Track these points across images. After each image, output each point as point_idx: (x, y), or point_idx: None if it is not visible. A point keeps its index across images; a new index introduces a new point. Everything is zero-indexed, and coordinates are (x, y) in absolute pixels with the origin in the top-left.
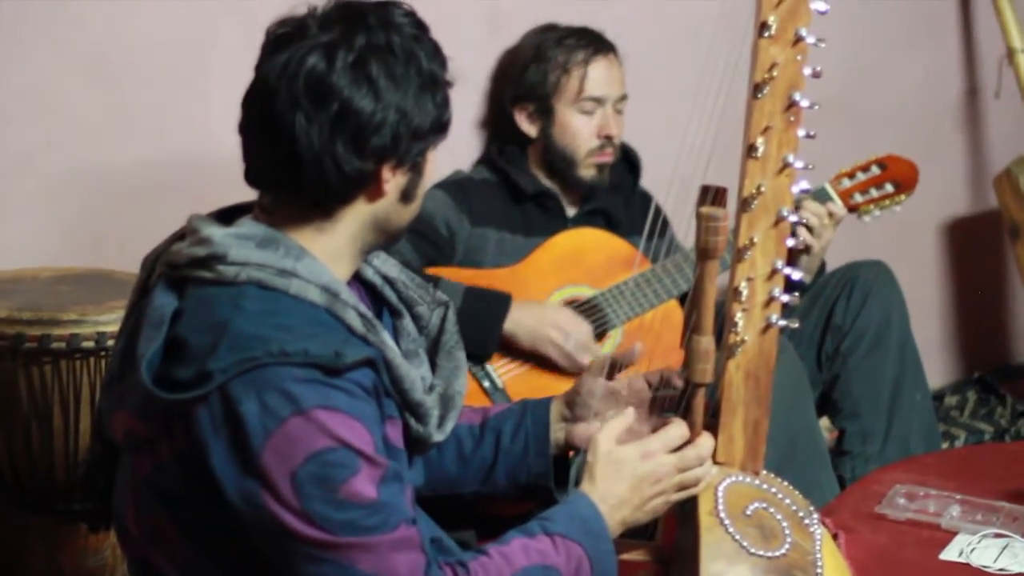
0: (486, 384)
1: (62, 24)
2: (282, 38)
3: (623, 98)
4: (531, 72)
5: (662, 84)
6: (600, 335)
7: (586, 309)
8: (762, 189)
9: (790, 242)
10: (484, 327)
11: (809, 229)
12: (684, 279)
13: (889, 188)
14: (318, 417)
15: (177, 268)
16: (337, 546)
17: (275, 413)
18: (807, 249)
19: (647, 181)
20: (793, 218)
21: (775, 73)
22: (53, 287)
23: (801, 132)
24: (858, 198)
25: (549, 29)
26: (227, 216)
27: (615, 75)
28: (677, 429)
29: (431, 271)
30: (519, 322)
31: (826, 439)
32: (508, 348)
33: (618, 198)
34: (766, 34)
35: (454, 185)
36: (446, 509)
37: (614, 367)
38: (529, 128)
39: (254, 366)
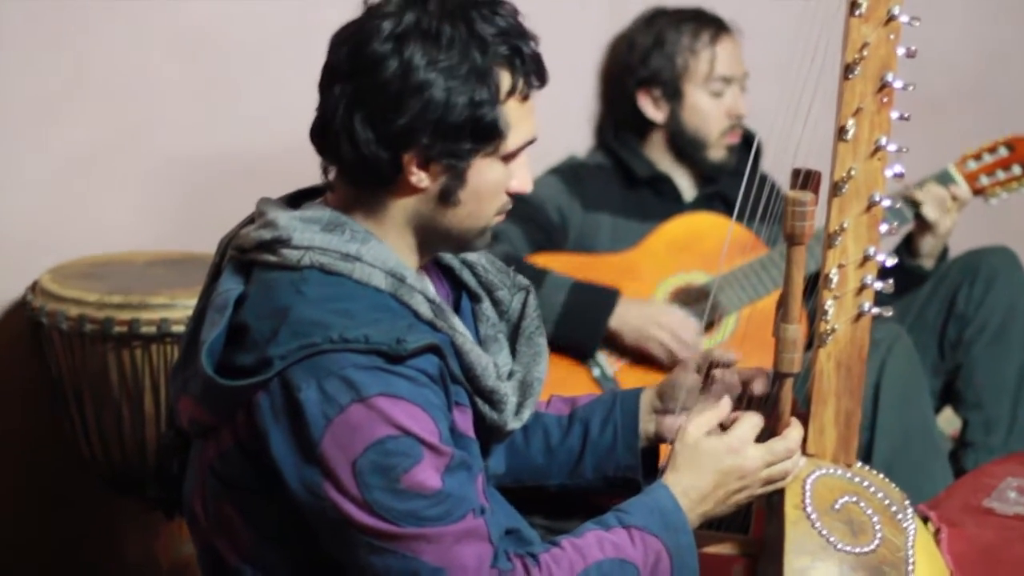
0: (596, 372)
1: (167, 5)
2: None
3: (746, 76)
4: (655, 58)
5: (755, 63)
6: (715, 321)
7: (701, 294)
8: (853, 173)
9: (907, 228)
10: (590, 323)
11: (933, 213)
12: None
13: (1017, 170)
14: (379, 405)
15: (244, 252)
16: (399, 537)
17: (335, 400)
18: (931, 229)
19: None
20: (886, 203)
21: (866, 53)
22: (147, 271)
23: (895, 114)
24: (984, 180)
25: (659, 15)
26: (297, 200)
27: (739, 53)
28: (752, 419)
29: (544, 256)
30: (625, 320)
31: (948, 431)
32: (613, 344)
33: (738, 182)
34: (857, 13)
35: (567, 170)
36: (560, 499)
37: (711, 364)
38: (655, 113)
39: (314, 352)
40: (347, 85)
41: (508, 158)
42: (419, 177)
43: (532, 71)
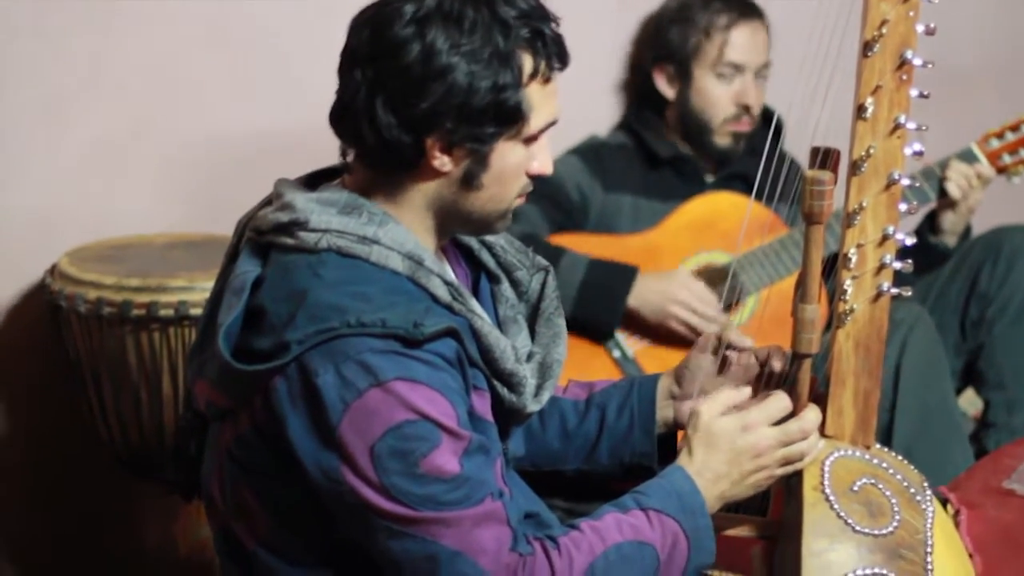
0: (616, 354)
1: None
2: None
3: (765, 66)
4: (673, 32)
5: (775, 42)
6: (736, 301)
7: (721, 275)
8: (872, 151)
9: (929, 206)
10: (608, 301)
11: (955, 192)
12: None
13: None
14: (397, 389)
15: (262, 233)
16: (418, 521)
17: (353, 385)
18: (953, 206)
19: None
20: (905, 181)
21: (885, 31)
22: (166, 253)
23: (914, 92)
24: (1007, 159)
25: None
26: (314, 181)
27: (758, 42)
28: (778, 401)
29: (564, 237)
30: (644, 298)
31: (971, 411)
32: (634, 323)
33: (759, 161)
34: None
35: (588, 150)
36: (578, 483)
37: (724, 346)
38: (667, 90)
39: (331, 337)
40: (368, 69)
41: (529, 140)
42: (442, 161)
43: (554, 53)
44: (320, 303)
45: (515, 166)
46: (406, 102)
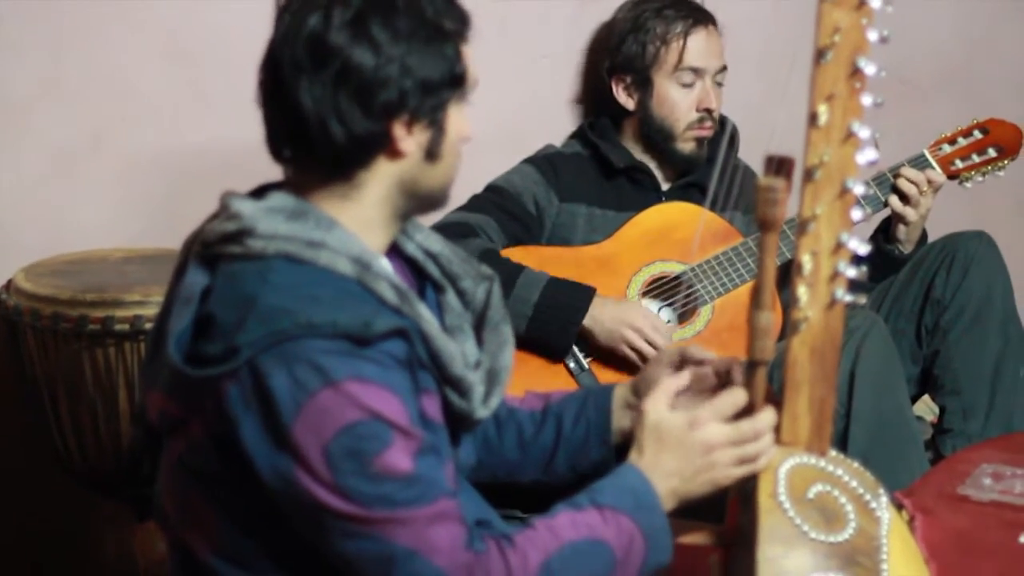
0: (571, 364)
1: (138, 5)
2: (288, 5)
3: (722, 70)
4: (629, 43)
5: (733, 51)
6: (691, 311)
7: (676, 285)
8: (825, 159)
9: (883, 213)
10: (562, 321)
11: (906, 198)
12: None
13: (992, 153)
14: (349, 389)
15: (209, 246)
16: (372, 521)
17: (305, 386)
18: (905, 212)
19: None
20: (859, 190)
21: (838, 38)
22: (122, 268)
23: (868, 100)
24: (958, 164)
25: (646, 0)
26: (262, 193)
27: (714, 46)
28: (730, 397)
29: (519, 248)
30: (598, 319)
31: (929, 417)
32: (586, 342)
33: (714, 171)
34: None
35: (543, 160)
36: (537, 493)
37: (685, 360)
38: (627, 100)
39: (282, 339)
40: (319, 75)
41: (463, 100)
42: (407, 141)
43: (459, 13)
44: (270, 307)
45: (460, 129)
46: (370, 95)
